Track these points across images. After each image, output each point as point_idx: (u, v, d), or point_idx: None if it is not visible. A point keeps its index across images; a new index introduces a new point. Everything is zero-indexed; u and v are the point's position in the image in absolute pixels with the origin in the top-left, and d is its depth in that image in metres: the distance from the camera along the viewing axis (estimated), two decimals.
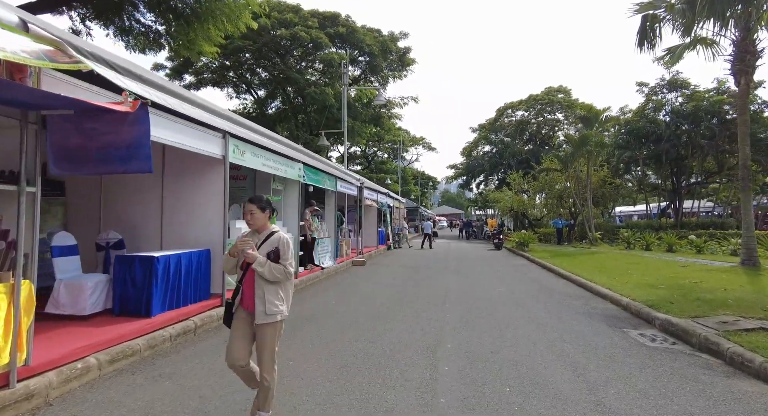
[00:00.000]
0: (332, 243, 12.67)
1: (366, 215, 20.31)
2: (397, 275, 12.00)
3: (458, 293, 9.24)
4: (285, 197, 9.71)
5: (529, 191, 30.83)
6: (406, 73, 26.62)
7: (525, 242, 20.48)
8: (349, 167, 43.93)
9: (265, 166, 7.92)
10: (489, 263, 15.89)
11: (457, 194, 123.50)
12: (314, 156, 10.52)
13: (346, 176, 13.78)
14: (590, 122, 19.97)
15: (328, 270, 11.72)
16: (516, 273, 13.02)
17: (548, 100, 38.43)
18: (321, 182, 11.19)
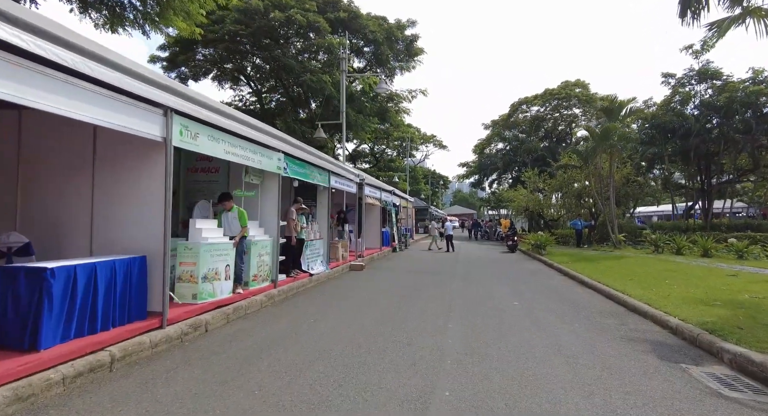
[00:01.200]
0: (324, 246, 11.28)
1: (368, 214, 18.90)
2: (396, 282, 10.55)
3: (465, 306, 7.76)
4: (262, 192, 8.34)
5: (545, 190, 29.10)
6: (414, 64, 25.11)
7: (542, 245, 18.85)
8: (356, 165, 42.62)
9: (230, 154, 6.55)
10: (502, 268, 14.34)
11: (470, 193, 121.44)
12: (299, 146, 9.14)
13: (343, 170, 12.38)
14: (613, 113, 18.26)
15: (318, 277, 10.33)
16: (533, 280, 11.47)
17: (565, 94, 36.55)
18: (309, 176, 9.80)
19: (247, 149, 7.09)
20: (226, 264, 6.72)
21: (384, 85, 14.93)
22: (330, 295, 8.71)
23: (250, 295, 7.29)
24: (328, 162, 11.04)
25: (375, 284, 10.26)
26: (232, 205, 7.17)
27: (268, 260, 8.02)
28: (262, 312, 7.04)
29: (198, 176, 8.62)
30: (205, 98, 6.00)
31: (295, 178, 9.11)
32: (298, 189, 11.79)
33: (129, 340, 4.53)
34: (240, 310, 6.67)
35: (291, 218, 9.15)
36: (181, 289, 6.25)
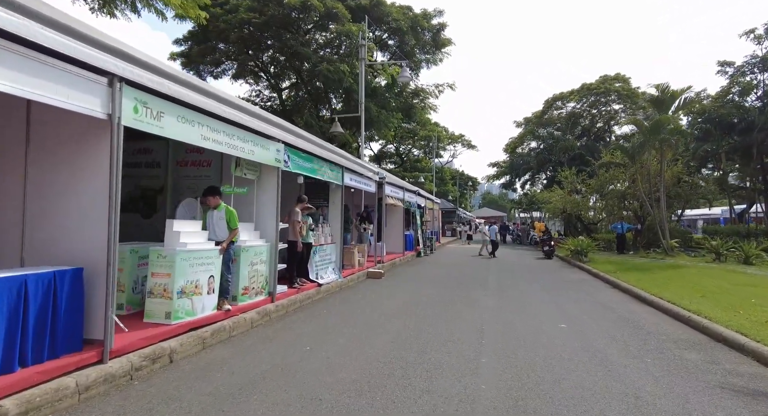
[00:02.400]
0: (336, 251, 10.00)
1: (390, 216, 17.57)
2: (417, 295, 9.15)
3: (500, 331, 6.28)
4: (259, 189, 7.11)
5: (582, 191, 26.98)
6: (441, 57, 23.63)
7: (583, 251, 16.99)
8: (381, 165, 41.35)
9: (209, 140, 5.34)
10: (539, 278, 12.69)
11: (500, 195, 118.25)
12: (304, 136, 7.88)
13: (359, 167, 11.08)
14: (665, 104, 16.25)
15: (328, 287, 9.05)
16: (578, 294, 9.83)
17: (604, 89, 34.17)
18: (317, 171, 8.54)
19: (235, 137, 5.87)
20: (209, 275, 5.51)
21: (407, 73, 13.59)
22: (337, 312, 7.39)
23: (239, 312, 6.07)
24: (341, 157, 9.77)
25: (392, 298, 8.88)
26: (218, 202, 5.98)
27: (263, 269, 6.78)
28: (250, 335, 5.79)
29: (188, 170, 7.51)
30: (173, 69, 4.79)
31: (299, 173, 7.86)
32: (308, 187, 10.60)
33: (41, 386, 3.34)
34: (222, 332, 5.44)
35: (295, 219, 7.91)
36: (151, 306, 5.07)
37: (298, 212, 8.00)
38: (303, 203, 8.20)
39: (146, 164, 7.67)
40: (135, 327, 4.76)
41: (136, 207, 7.63)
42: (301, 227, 8.00)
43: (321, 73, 16.78)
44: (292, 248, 7.97)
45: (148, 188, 7.69)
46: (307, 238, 8.54)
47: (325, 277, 9.24)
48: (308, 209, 8.60)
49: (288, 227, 7.89)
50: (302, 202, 8.21)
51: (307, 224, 8.51)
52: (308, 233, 8.55)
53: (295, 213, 7.96)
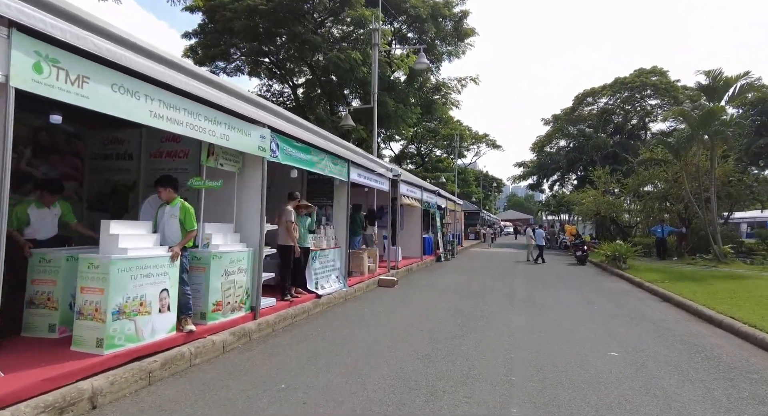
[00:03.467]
0: (341, 256, 8.79)
1: (406, 217, 16.30)
2: (432, 309, 7.84)
3: (533, 363, 4.93)
4: (240, 184, 5.97)
5: (615, 191, 25.03)
6: (464, 48, 22.22)
7: (621, 256, 15.29)
8: (402, 166, 40.05)
9: (162, 119, 4.21)
10: (574, 288, 11.17)
11: (525, 197, 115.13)
12: (297, 121, 6.70)
13: (369, 162, 9.86)
14: (717, 92, 14.41)
15: (330, 298, 7.85)
16: (623, 308, 8.33)
17: (639, 83, 31.94)
18: (314, 164, 7.35)
19: (202, 117, 4.74)
20: (161, 289, 4.38)
21: (424, 59, 12.30)
22: (334, 331, 6.16)
23: (208, 333, 4.92)
24: (346, 149, 8.57)
25: (402, 313, 7.60)
26: (172, 196, 4.86)
27: (243, 279, 5.63)
28: (217, 364, 4.63)
29: (162, 162, 6.44)
30: (102, 21, 3.67)
31: (292, 165, 6.69)
32: (309, 184, 9.46)
33: None
34: (178, 361, 4.29)
35: (289, 219, 6.73)
36: (80, 331, 3.96)
37: (291, 211, 6.82)
38: (296, 201, 7.03)
39: (118, 156, 6.67)
40: (55, 359, 3.66)
41: (106, 205, 6.62)
42: (294, 228, 6.82)
43: (331, 61, 15.62)
44: (286, 254, 6.80)
45: (119, 184, 6.67)
46: (304, 242, 7.36)
47: (326, 287, 8.04)
48: (306, 208, 7.43)
49: (278, 228, 6.72)
50: (295, 199, 7.04)
51: (300, 225, 7.34)
52: (305, 236, 7.38)
53: (287, 213, 6.80)
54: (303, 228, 7.37)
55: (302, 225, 7.38)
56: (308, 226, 7.47)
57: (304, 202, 7.45)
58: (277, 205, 7.37)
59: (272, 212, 6.82)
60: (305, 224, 7.44)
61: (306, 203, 7.45)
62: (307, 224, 7.43)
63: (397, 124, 19.47)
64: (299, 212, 7.40)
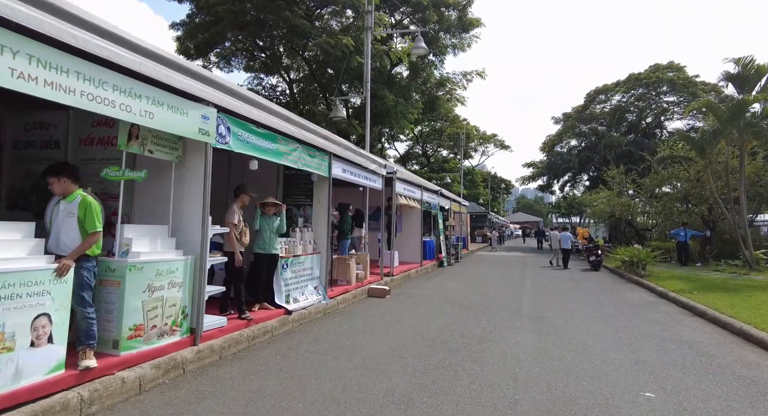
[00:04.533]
0: (320, 264, 7.63)
1: (405, 219, 15.15)
2: (424, 328, 6.63)
3: (544, 403, 3.72)
4: (178, 176, 4.83)
5: (629, 193, 23.60)
6: (469, 41, 20.99)
7: (641, 262, 13.95)
8: (407, 167, 38.84)
9: (32, 81, 3.08)
10: (590, 298, 9.88)
11: (535, 199, 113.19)
12: (258, 102, 5.54)
13: (355, 155, 8.69)
14: (748, 82, 13.04)
15: (304, 313, 6.69)
16: (649, 324, 7.06)
17: (655, 78, 30.47)
18: (282, 155, 6.19)
19: (109, 86, 3.61)
20: (37, 314, 3.23)
21: (421, 44, 11.12)
22: (294, 360, 4.98)
23: (120, 368, 3.78)
24: (326, 140, 7.41)
25: (389, 332, 6.41)
26: (70, 188, 3.75)
27: (178, 295, 4.49)
28: (124, 411, 3.49)
29: (93, 150, 5.32)
30: None
31: (250, 155, 5.53)
32: (287, 179, 8.34)
33: None
34: (59, 414, 3.15)
35: (230, 221, 5.58)
36: None
37: (235, 211, 5.66)
38: (244, 196, 5.87)
39: (42, 144, 5.58)
40: None
41: (28, 203, 5.53)
42: (242, 231, 5.67)
43: (320, 48, 14.45)
44: (227, 263, 5.64)
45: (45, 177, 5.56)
46: (271, 248, 6.21)
47: (300, 300, 6.87)
48: (274, 207, 6.28)
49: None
50: (243, 193, 5.88)
51: (265, 228, 6.19)
52: (272, 241, 6.22)
53: (231, 213, 5.64)
54: (270, 231, 6.23)
55: (269, 228, 6.24)
56: (276, 229, 6.32)
57: (271, 199, 6.30)
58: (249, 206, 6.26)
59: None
60: (273, 226, 6.29)
61: (273, 201, 6.30)
62: (275, 226, 6.28)
63: (397, 120, 18.30)
64: (265, 211, 6.26)
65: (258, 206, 6.21)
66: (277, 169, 8.18)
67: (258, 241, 6.12)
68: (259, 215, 6.18)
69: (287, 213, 8.04)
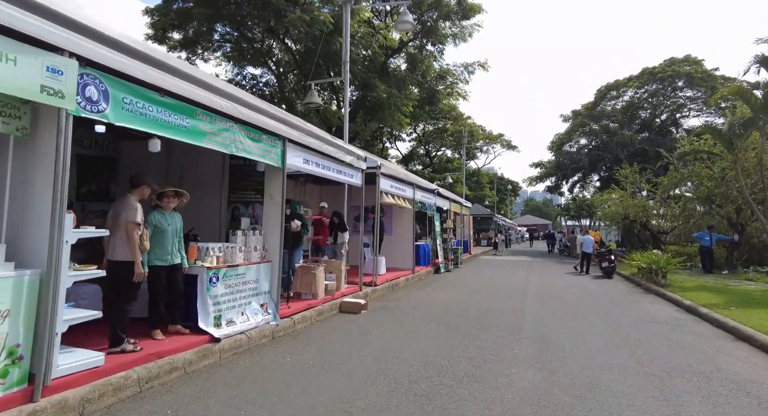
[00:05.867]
0: (270, 275, 6.18)
1: (397, 221, 13.71)
2: (392, 361, 5.15)
3: None
4: (20, 157, 3.43)
5: (643, 193, 21.93)
6: (470, 30, 19.51)
7: (660, 270, 12.34)
8: (409, 167, 37.36)
9: None
10: (603, 314, 8.32)
11: (544, 202, 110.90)
12: (156, 60, 4.12)
13: (320, 142, 7.23)
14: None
15: (240, 340, 5.26)
16: (680, 354, 5.51)
17: (671, 72, 28.69)
18: (203, 134, 4.75)
19: None
20: None
21: (408, 18, 9.65)
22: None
23: None
24: (277, 121, 5.98)
25: (345, 368, 4.94)
26: None
27: (3, 330, 3.07)
28: None
29: None
30: None
31: (145, 131, 4.09)
32: (235, 170, 6.95)
33: None
34: None
35: (132, 219, 4.16)
36: None
37: (138, 207, 4.23)
38: (144, 188, 4.43)
39: None
40: None
41: None
42: (143, 234, 4.25)
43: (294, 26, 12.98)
44: (117, 276, 4.18)
45: None
46: (174, 257, 4.79)
47: (238, 321, 5.44)
48: (178, 199, 4.87)
49: (111, 236, 4.16)
50: (141, 186, 4.43)
51: (167, 229, 4.78)
52: (176, 246, 4.80)
53: (131, 209, 4.21)
54: (173, 234, 4.81)
55: (172, 229, 4.81)
56: (178, 231, 4.91)
57: (170, 188, 4.86)
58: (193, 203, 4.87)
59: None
60: (177, 226, 4.88)
61: (176, 189, 4.87)
62: (179, 226, 4.86)
63: (391, 114, 16.87)
64: (165, 206, 4.84)
65: (153, 198, 4.78)
66: (223, 157, 6.79)
67: (155, 249, 4.66)
68: (155, 214, 4.75)
69: (232, 213, 6.64)
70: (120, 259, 4.09)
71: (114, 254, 4.10)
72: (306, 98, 10.17)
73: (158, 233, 4.75)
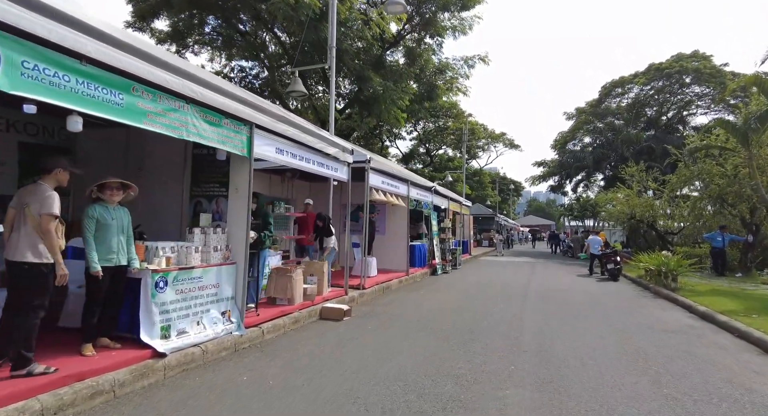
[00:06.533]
0: (235, 279, 5.46)
1: (391, 220, 13.00)
2: (367, 381, 4.41)
3: None
4: None
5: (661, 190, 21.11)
6: (471, 22, 18.78)
7: (670, 272, 11.57)
8: (410, 166, 36.61)
9: None
10: (610, 321, 7.55)
11: (547, 202, 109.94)
12: (62, 14, 3.43)
13: (295, 130, 6.50)
14: None
15: (193, 354, 4.55)
16: (703, 369, 4.75)
17: (678, 68, 27.84)
18: (142, 114, 4.03)
19: None
20: None
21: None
22: None
23: None
24: (240, 103, 5.26)
25: (308, 388, 4.21)
26: None
27: None
28: None
29: None
30: None
31: (52, 103, 3.36)
32: (197, 160, 6.26)
33: None
34: None
35: (48, 211, 3.45)
36: None
37: (54, 198, 3.51)
38: (60, 173, 3.70)
39: None
40: None
41: None
42: (57, 229, 3.53)
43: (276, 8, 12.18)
44: (19, 281, 3.45)
45: None
46: (116, 256, 4.10)
47: (192, 332, 4.73)
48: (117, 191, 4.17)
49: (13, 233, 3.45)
50: (56, 169, 3.66)
51: (109, 225, 4.08)
52: (120, 245, 4.11)
53: (48, 197, 3.49)
54: (119, 231, 4.11)
55: (117, 225, 4.12)
56: (127, 225, 4.21)
57: (113, 179, 4.16)
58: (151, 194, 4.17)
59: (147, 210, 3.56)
60: (123, 223, 4.18)
61: (122, 181, 4.18)
62: (125, 223, 4.16)
63: (387, 108, 16.13)
64: (108, 199, 4.14)
65: (93, 189, 4.08)
66: (185, 145, 6.07)
67: (97, 247, 3.97)
68: (96, 207, 4.05)
69: (195, 208, 5.94)
70: (22, 259, 3.36)
71: (14, 253, 3.37)
72: (290, 86, 9.44)
73: (100, 228, 4.05)
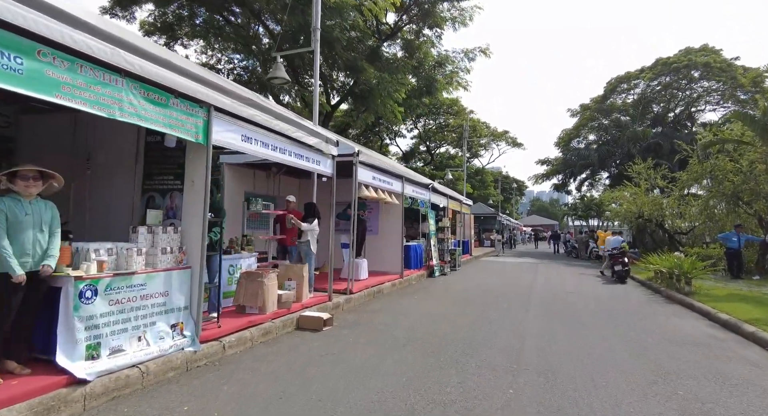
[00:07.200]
0: (188, 286, 4.70)
1: (384, 218, 12.25)
2: (335, 409, 3.65)
3: None
4: None
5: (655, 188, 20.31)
6: (471, 13, 17.99)
7: (684, 275, 10.75)
8: (410, 164, 35.84)
9: None
10: (623, 332, 6.75)
11: (550, 202, 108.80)
12: None
13: (269, 117, 5.73)
14: None
15: (128, 378, 3.79)
16: (737, 393, 3.95)
17: (686, 62, 26.93)
18: (55, 85, 3.31)
19: None
20: None
21: None
22: None
23: None
24: (199, 82, 4.51)
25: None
26: None
27: None
28: None
29: None
30: None
31: None
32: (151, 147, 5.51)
33: None
34: None
35: None
36: None
37: None
38: None
39: None
40: None
41: None
42: None
43: None
44: None
45: None
46: (33, 259, 3.36)
47: (129, 350, 3.98)
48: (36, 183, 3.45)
49: None
50: None
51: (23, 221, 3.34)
52: (37, 245, 3.37)
53: None
54: (37, 228, 3.37)
55: (35, 221, 3.38)
56: (49, 221, 3.47)
57: (30, 166, 3.44)
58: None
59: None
60: (43, 218, 3.44)
61: (31, 168, 3.45)
62: (47, 217, 3.43)
63: (383, 102, 15.36)
64: (22, 190, 3.40)
65: (2, 179, 3.35)
66: (138, 132, 5.32)
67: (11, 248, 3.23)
68: (5, 199, 3.32)
69: (147, 202, 5.19)
70: None
71: None
72: (271, 72, 8.71)
73: (11, 226, 3.32)
